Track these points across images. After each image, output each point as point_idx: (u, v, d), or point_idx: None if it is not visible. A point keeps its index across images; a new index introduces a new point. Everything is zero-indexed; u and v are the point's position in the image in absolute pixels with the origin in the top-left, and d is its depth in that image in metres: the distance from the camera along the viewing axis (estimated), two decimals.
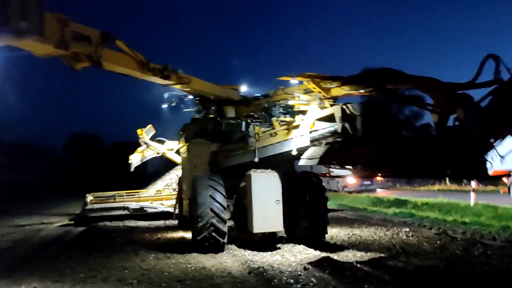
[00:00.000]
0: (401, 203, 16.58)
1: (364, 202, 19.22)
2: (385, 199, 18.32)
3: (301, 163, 7.16)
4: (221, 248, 8.99)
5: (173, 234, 12.03)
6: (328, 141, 6.82)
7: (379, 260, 8.07)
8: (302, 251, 8.95)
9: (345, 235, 10.93)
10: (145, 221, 14.79)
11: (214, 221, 8.78)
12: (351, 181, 25.37)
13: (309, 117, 7.62)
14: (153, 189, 18.25)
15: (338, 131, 6.48)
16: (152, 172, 32.57)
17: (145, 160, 18.22)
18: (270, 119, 9.73)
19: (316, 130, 7.29)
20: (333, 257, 8.24)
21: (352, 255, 8.41)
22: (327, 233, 9.98)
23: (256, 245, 9.23)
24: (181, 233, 11.93)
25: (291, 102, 9.36)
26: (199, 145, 11.28)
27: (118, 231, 12.90)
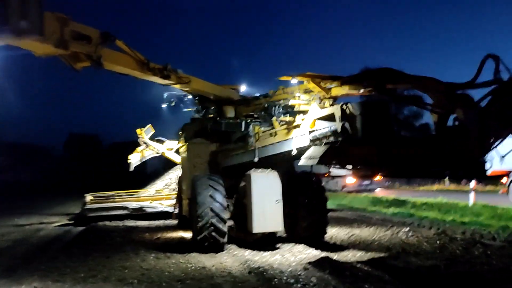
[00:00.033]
0: (400, 203, 16.58)
1: (363, 202, 19.21)
2: (384, 199, 18.32)
3: (301, 163, 7.16)
4: (221, 247, 8.99)
5: (172, 234, 12.03)
6: (328, 141, 6.82)
7: (379, 260, 8.08)
8: (302, 251, 8.95)
9: (344, 235, 10.93)
10: (144, 221, 14.79)
11: (214, 220, 8.78)
12: (350, 181, 25.36)
13: (309, 117, 7.62)
14: (152, 189, 18.26)
15: (338, 130, 6.48)
16: (151, 172, 32.62)
17: (144, 159, 18.26)
18: (270, 119, 9.73)
19: (316, 129, 7.29)
20: (333, 257, 8.25)
21: (352, 255, 8.42)
22: (327, 233, 9.99)
23: (256, 245, 9.23)
24: (181, 233, 11.93)
25: (291, 101, 9.35)
26: (199, 145, 11.30)
27: (117, 231, 12.90)
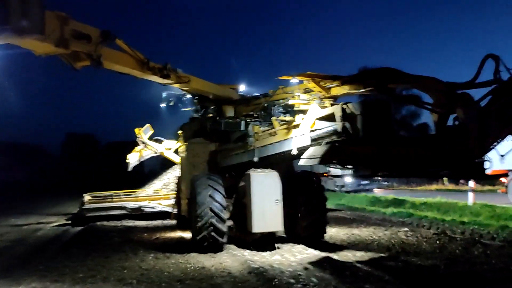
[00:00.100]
0: (399, 203, 16.60)
1: (362, 201, 19.23)
2: (383, 198, 18.34)
3: (302, 162, 7.14)
4: (220, 247, 8.97)
5: (171, 234, 12.00)
6: (328, 141, 6.81)
7: (379, 259, 8.08)
8: (301, 250, 8.94)
9: (344, 235, 10.93)
10: (143, 221, 14.76)
11: (213, 220, 8.76)
12: (349, 181, 25.40)
13: (309, 117, 7.61)
14: (150, 188, 18.23)
15: (338, 130, 6.47)
16: (149, 171, 32.60)
17: (143, 159, 18.24)
18: (269, 118, 9.71)
19: (316, 129, 7.29)
20: (333, 257, 8.24)
21: (352, 255, 8.41)
22: (326, 232, 9.98)
23: (255, 245, 9.21)
24: (180, 233, 11.90)
25: (291, 101, 9.33)
26: (198, 145, 11.27)
27: (116, 231, 12.87)
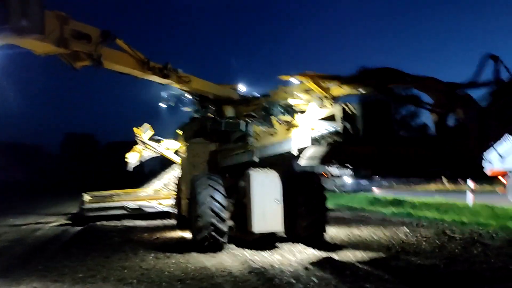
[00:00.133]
0: (398, 203, 16.62)
1: (361, 201, 19.25)
2: (383, 198, 18.38)
3: (302, 162, 7.15)
4: (220, 247, 8.98)
5: (171, 233, 12.01)
6: (329, 141, 6.82)
7: (379, 259, 8.09)
8: (302, 250, 8.94)
9: (344, 234, 10.94)
10: (143, 221, 14.77)
11: (213, 220, 8.77)
12: (348, 181, 25.43)
13: (309, 117, 7.62)
14: (150, 188, 18.22)
15: (339, 130, 6.49)
16: (148, 171, 32.57)
17: (143, 160, 18.21)
18: (269, 118, 9.70)
19: (317, 129, 7.29)
20: (333, 256, 8.25)
21: (352, 255, 8.42)
22: (326, 232, 9.98)
23: (256, 245, 9.22)
24: (180, 233, 11.91)
25: (291, 101, 9.32)
26: (198, 145, 11.28)
27: (116, 230, 12.88)
